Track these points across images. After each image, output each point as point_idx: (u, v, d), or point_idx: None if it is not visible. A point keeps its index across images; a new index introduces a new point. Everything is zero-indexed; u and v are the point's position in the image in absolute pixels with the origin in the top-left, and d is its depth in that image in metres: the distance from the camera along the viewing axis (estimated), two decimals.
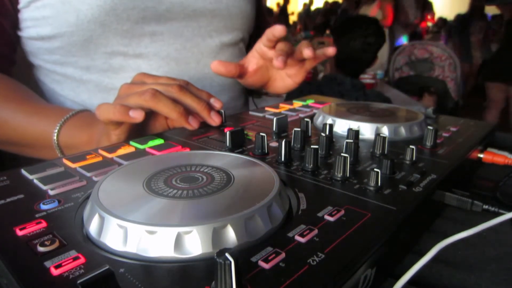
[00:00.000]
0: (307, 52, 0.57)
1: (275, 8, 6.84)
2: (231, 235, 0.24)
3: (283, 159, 0.38)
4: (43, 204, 0.29)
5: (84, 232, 0.26)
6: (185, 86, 0.49)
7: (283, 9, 6.49)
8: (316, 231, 0.25)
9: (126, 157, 0.39)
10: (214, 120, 0.50)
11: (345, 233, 0.25)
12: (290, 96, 1.11)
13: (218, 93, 0.70)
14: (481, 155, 0.47)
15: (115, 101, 0.47)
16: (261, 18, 0.84)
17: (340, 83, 1.46)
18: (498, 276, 0.29)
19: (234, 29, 0.72)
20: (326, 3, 6.07)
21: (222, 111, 0.53)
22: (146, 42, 0.62)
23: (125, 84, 0.50)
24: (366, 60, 1.66)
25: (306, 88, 1.44)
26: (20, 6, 0.58)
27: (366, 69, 1.75)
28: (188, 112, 0.48)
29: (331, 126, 0.45)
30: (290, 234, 0.25)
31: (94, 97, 0.65)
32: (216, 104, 0.52)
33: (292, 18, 6.81)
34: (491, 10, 4.02)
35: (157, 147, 0.42)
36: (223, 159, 0.34)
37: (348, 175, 0.34)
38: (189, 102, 0.48)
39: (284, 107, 0.62)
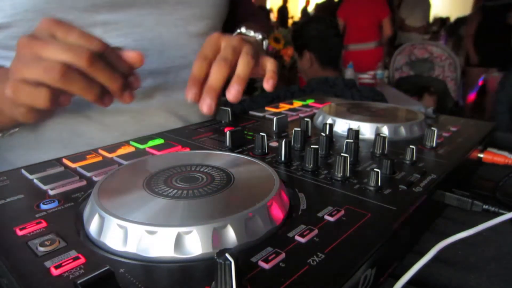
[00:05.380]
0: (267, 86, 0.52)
1: (274, 9, 6.83)
2: (231, 235, 0.24)
3: (283, 159, 0.38)
4: (43, 204, 0.29)
5: (84, 232, 0.26)
6: (96, 57, 0.41)
7: (282, 10, 6.48)
8: (316, 231, 0.25)
9: (126, 157, 0.39)
10: (125, 99, 0.44)
11: (345, 233, 0.25)
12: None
13: (183, 89, 0.60)
14: (481, 155, 0.47)
15: (15, 65, 0.39)
16: (238, 2, 0.75)
17: (332, 84, 1.46)
18: (498, 276, 0.29)
19: (204, 18, 0.63)
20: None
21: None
22: (97, 33, 0.49)
23: (25, 38, 0.40)
24: (340, 44, 1.73)
25: (300, 94, 1.44)
26: None
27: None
28: (104, 90, 0.42)
29: (331, 126, 0.45)
30: (290, 234, 0.25)
31: None
32: (136, 82, 0.46)
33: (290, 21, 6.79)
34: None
35: (157, 147, 0.42)
36: (223, 159, 0.34)
37: (348, 175, 0.34)
38: (100, 80, 0.41)
39: (284, 107, 0.62)
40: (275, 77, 0.53)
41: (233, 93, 0.49)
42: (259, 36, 0.66)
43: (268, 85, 0.53)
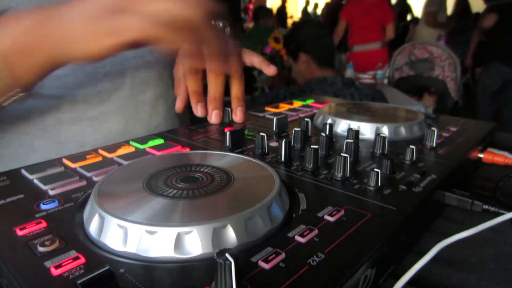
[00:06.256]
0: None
1: (274, 9, 6.83)
2: (231, 235, 0.24)
3: (283, 159, 0.38)
4: (43, 204, 0.29)
5: (84, 232, 0.26)
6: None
7: (281, 10, 6.48)
8: (316, 231, 0.25)
9: (126, 157, 0.39)
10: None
11: (345, 233, 0.25)
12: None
13: (142, 90, 0.61)
14: (481, 155, 0.47)
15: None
16: None
17: (331, 83, 1.46)
18: (498, 276, 0.29)
19: None
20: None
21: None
22: None
23: None
24: (333, 43, 1.76)
25: (299, 94, 1.44)
26: None
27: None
28: None
29: (331, 126, 0.45)
30: (290, 234, 0.25)
31: None
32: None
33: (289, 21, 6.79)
34: None
35: (157, 147, 0.42)
36: (223, 159, 0.34)
37: (348, 175, 0.34)
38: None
39: (284, 107, 0.62)
40: (269, 62, 0.56)
41: (239, 116, 0.53)
42: (220, 24, 0.65)
43: (271, 69, 0.55)
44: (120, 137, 0.57)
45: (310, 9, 7.19)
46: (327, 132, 0.44)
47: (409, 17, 4.71)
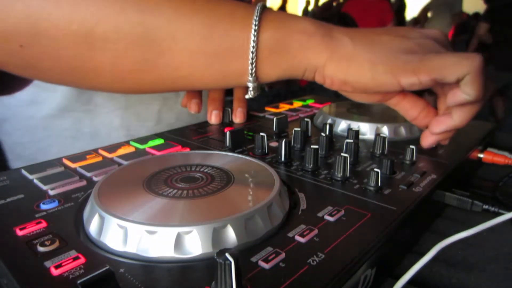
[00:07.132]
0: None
1: (274, 9, 6.82)
2: (231, 235, 0.24)
3: (283, 159, 0.38)
4: (43, 204, 0.29)
5: (84, 232, 0.26)
6: None
7: (281, 10, 6.49)
8: (316, 231, 0.25)
9: (126, 157, 0.39)
10: None
11: (345, 233, 0.25)
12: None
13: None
14: (481, 155, 0.46)
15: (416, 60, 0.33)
16: None
17: None
18: (498, 276, 0.29)
19: None
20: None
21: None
22: None
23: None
24: None
25: (300, 93, 1.45)
26: None
27: None
28: None
29: (331, 126, 0.45)
30: (290, 234, 0.25)
31: None
32: None
33: None
34: None
35: (157, 147, 0.42)
36: (223, 159, 0.34)
37: (348, 175, 0.34)
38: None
39: (284, 107, 0.62)
40: None
41: (240, 116, 0.53)
42: None
43: None
44: (190, 118, 0.58)
45: (310, 9, 7.18)
46: (327, 132, 0.44)
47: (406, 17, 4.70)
